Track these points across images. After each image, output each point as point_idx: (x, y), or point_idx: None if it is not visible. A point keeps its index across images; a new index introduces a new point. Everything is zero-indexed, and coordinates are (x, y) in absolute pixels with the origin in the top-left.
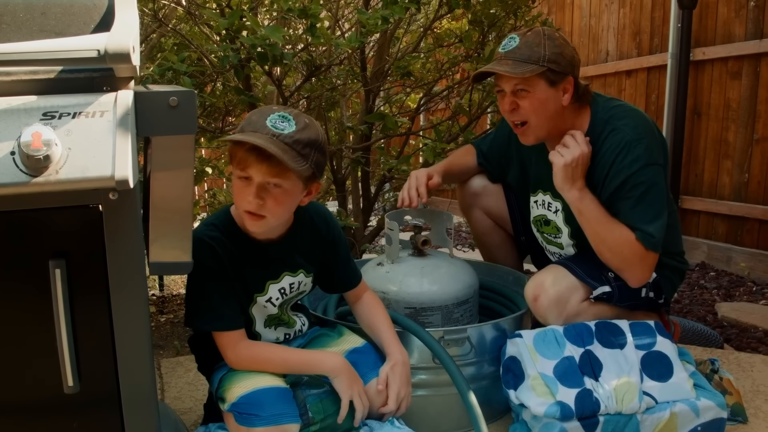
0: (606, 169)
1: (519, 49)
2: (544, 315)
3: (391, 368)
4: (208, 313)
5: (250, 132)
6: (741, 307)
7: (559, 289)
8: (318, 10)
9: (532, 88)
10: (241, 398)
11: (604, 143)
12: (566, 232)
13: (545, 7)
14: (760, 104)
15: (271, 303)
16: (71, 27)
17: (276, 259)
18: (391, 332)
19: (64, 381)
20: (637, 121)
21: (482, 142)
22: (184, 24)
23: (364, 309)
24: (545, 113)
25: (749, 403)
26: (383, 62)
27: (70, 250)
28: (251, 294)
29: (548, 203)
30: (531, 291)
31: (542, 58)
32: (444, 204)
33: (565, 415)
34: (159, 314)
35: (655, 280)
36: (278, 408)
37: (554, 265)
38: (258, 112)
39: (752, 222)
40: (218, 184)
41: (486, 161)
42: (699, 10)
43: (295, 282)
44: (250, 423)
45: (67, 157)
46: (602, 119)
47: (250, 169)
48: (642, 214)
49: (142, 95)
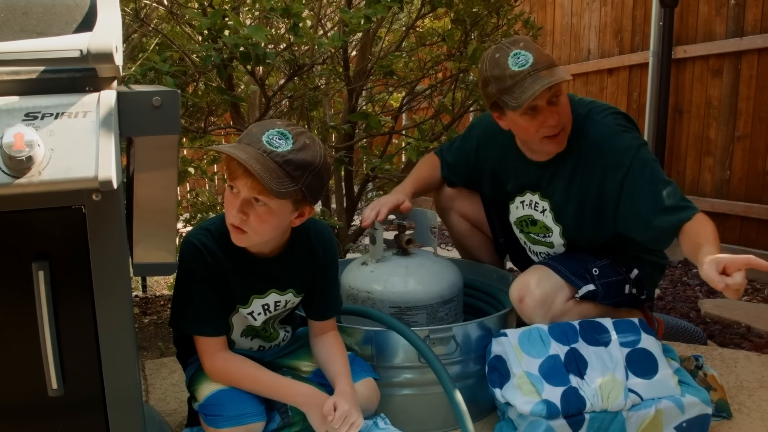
0: (599, 165)
1: (541, 58)
2: (530, 316)
3: (338, 398)
4: (191, 317)
5: (245, 144)
6: (724, 304)
7: (545, 289)
8: (300, 9)
9: (564, 91)
10: (207, 399)
11: (587, 139)
12: (557, 231)
13: (527, 6)
14: (740, 102)
15: (252, 317)
16: (53, 27)
17: (265, 275)
18: (345, 368)
19: (49, 383)
20: (614, 112)
21: (447, 153)
22: (165, 24)
23: (326, 343)
24: (569, 114)
25: (733, 399)
26: (366, 61)
27: (54, 251)
28: (234, 304)
29: (535, 203)
30: (516, 292)
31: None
32: (427, 203)
33: (551, 413)
34: (143, 315)
35: (637, 276)
36: (241, 408)
37: (538, 266)
38: (260, 124)
39: (734, 219)
40: (201, 185)
41: (451, 173)
42: (680, 9)
43: (281, 300)
44: (216, 424)
45: (50, 158)
46: (581, 114)
47: (237, 181)
48: (671, 196)
49: (125, 95)
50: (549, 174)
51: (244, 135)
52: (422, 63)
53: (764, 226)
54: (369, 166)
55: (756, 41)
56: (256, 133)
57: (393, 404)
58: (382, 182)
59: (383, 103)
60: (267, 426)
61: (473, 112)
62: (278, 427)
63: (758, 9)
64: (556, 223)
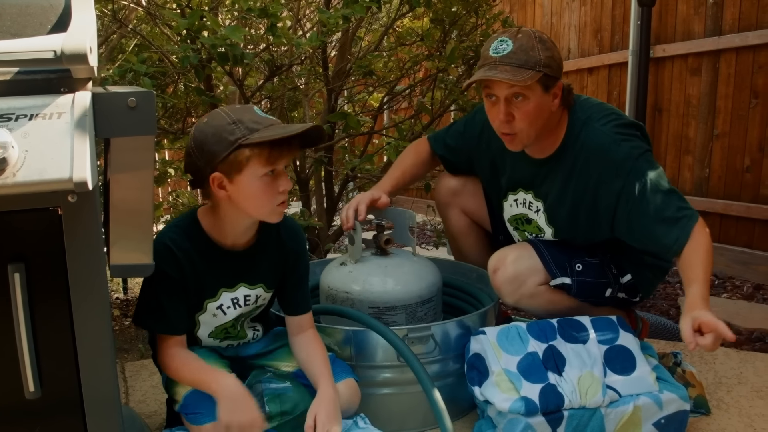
0: (596, 173)
1: (515, 54)
2: (499, 288)
3: (318, 406)
4: (153, 313)
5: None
6: None
7: (519, 267)
8: (278, 10)
9: (529, 94)
10: (185, 398)
11: (584, 145)
12: (549, 233)
13: (507, 5)
14: (719, 100)
15: (222, 311)
16: (27, 28)
17: (236, 268)
18: (326, 368)
19: (26, 386)
20: (616, 120)
21: (447, 135)
22: (144, 25)
23: (304, 342)
24: (539, 120)
25: (712, 395)
26: (345, 61)
27: (30, 253)
28: (202, 301)
29: (530, 202)
30: (493, 263)
31: (538, 63)
32: (407, 203)
33: (530, 410)
34: (123, 317)
35: (628, 282)
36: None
37: (524, 243)
38: (243, 109)
39: (713, 216)
40: (181, 186)
41: (450, 154)
42: (659, 8)
43: (251, 295)
44: (198, 421)
45: (24, 160)
46: (580, 119)
47: (280, 161)
48: (668, 207)
49: (100, 96)
50: (543, 173)
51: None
52: (401, 63)
53: (743, 224)
54: (349, 166)
55: (734, 40)
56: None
57: (372, 403)
58: (362, 182)
59: (363, 103)
60: None
61: (453, 112)
62: None
63: (736, 8)
64: (549, 224)
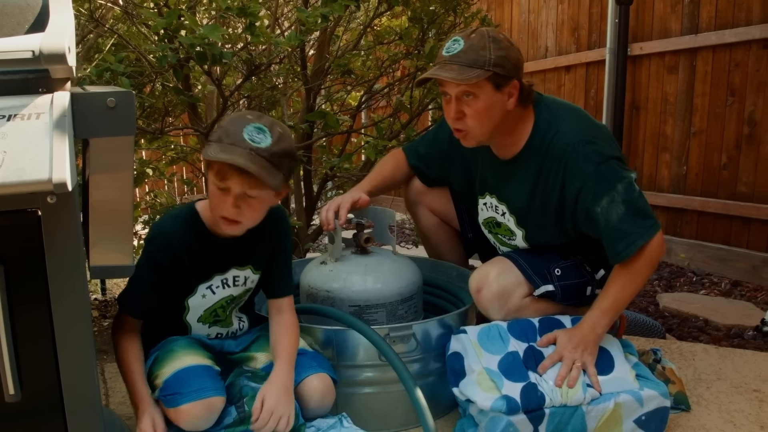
0: (560, 174)
1: (464, 53)
2: (486, 307)
3: (266, 388)
4: (130, 294)
5: (229, 144)
6: (682, 298)
7: (503, 283)
8: (257, 9)
9: (478, 92)
10: (166, 381)
11: (550, 146)
12: (520, 235)
13: (485, 4)
14: (696, 98)
15: (211, 290)
16: (4, 27)
17: (230, 253)
18: (285, 352)
19: (5, 389)
20: (583, 122)
21: (420, 144)
22: (121, 24)
23: (278, 323)
24: (490, 118)
25: (692, 392)
26: (324, 60)
27: (9, 255)
28: (195, 285)
29: (495, 206)
30: (475, 283)
31: (488, 62)
32: (387, 201)
33: (512, 408)
34: (102, 318)
35: (603, 277)
36: (200, 383)
37: (501, 258)
38: (234, 121)
39: (691, 213)
40: (159, 186)
41: (423, 163)
42: (636, 6)
43: (240, 276)
44: (175, 402)
45: (3, 161)
46: (546, 120)
47: (229, 181)
48: (625, 216)
49: (79, 96)
50: (507, 174)
51: (222, 134)
52: (380, 62)
53: (721, 221)
54: (328, 165)
55: (711, 38)
56: (235, 131)
57: (354, 403)
58: (341, 181)
59: (341, 101)
60: (223, 420)
61: (431, 110)
62: (234, 421)
63: (712, 6)
64: (519, 227)
